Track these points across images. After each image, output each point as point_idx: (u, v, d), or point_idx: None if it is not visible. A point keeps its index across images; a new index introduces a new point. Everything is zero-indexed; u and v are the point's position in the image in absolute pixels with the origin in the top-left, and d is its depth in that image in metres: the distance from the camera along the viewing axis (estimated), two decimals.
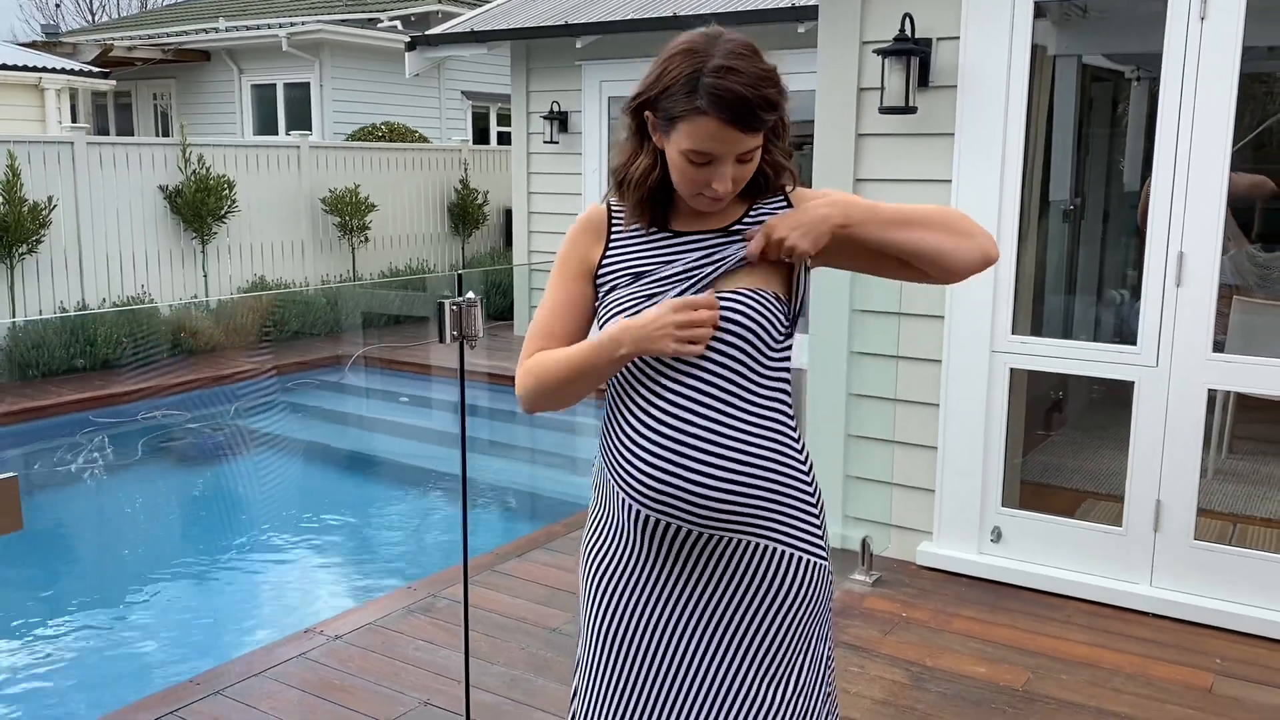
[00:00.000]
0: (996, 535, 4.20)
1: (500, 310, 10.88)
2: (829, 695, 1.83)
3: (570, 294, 1.77)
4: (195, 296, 9.43)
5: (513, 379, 1.80)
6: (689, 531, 1.66)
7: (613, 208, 1.78)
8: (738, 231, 1.72)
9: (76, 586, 5.02)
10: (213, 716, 3.15)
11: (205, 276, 9.80)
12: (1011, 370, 4.11)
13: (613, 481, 1.71)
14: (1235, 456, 5.46)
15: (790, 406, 1.75)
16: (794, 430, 1.73)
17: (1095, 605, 3.94)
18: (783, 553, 1.69)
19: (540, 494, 5.95)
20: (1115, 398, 4.39)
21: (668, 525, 1.66)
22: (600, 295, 1.75)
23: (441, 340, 2.23)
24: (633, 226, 1.75)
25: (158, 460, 6.62)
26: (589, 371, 1.67)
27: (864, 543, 4.25)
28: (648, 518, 1.67)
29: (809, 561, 1.72)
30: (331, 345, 9.64)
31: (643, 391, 1.68)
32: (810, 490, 1.74)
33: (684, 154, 1.61)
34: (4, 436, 6.87)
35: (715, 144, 1.59)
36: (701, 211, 1.72)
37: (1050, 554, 4.10)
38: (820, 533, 1.75)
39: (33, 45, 16.69)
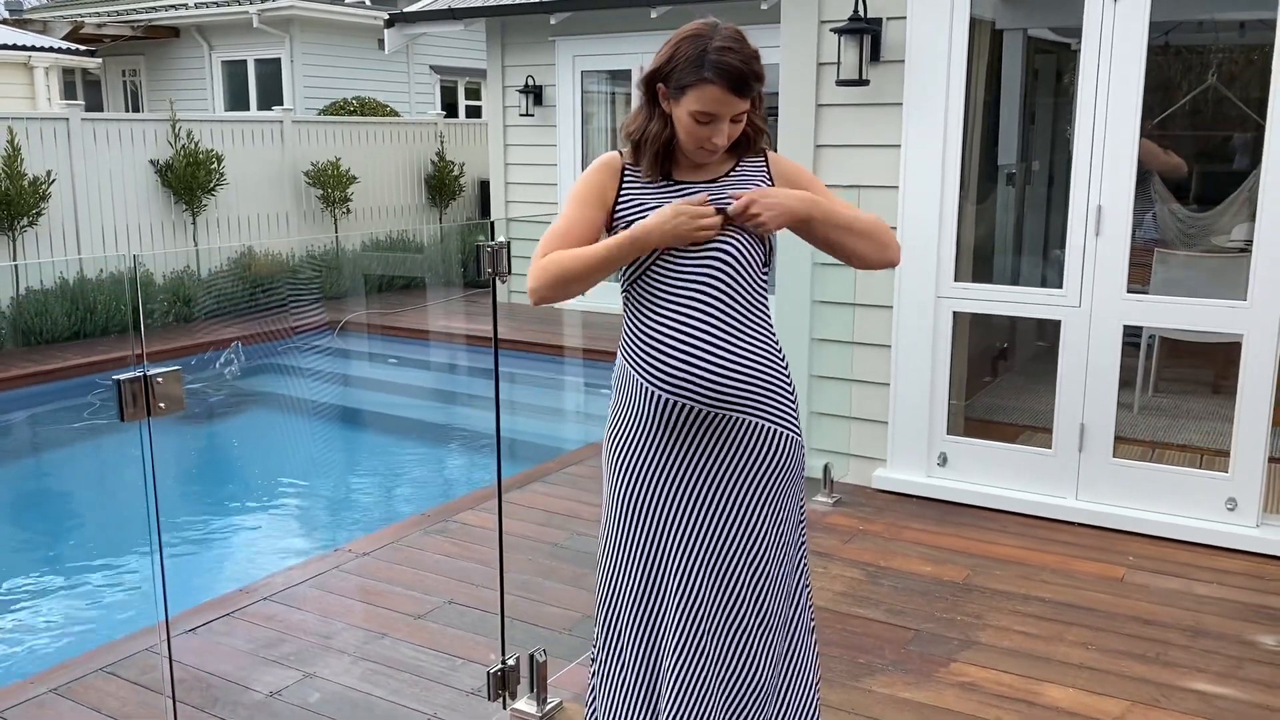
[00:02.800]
0: (943, 460, 4.74)
1: (476, 278, 11.32)
2: (802, 544, 2.35)
3: (586, 216, 2.20)
4: (187, 267, 9.78)
5: (501, 341, 2.32)
6: (699, 411, 2.15)
7: (625, 158, 2.27)
8: (735, 176, 2.24)
9: (140, 515, 5.59)
10: (266, 615, 3.64)
11: (196, 246, 10.17)
12: (955, 313, 4.65)
13: (638, 375, 2.18)
14: (1160, 395, 6.05)
15: (771, 320, 2.26)
16: (775, 336, 2.24)
17: (1028, 517, 4.51)
18: (770, 428, 2.20)
19: (533, 441, 6.45)
20: (1057, 348, 4.94)
21: (682, 407, 2.15)
22: (615, 230, 2.22)
23: (479, 277, 2.70)
24: (642, 177, 2.24)
25: (182, 416, 7.08)
26: (607, 265, 2.15)
27: (826, 469, 4.78)
28: (667, 401, 2.15)
29: (790, 436, 2.23)
30: (330, 311, 10.05)
31: (662, 301, 2.15)
32: (789, 382, 2.25)
33: (692, 115, 2.10)
34: (21, 398, 7.27)
35: (717, 106, 2.08)
36: (698, 165, 2.22)
37: (990, 475, 4.66)
38: (796, 415, 2.26)
39: (2, 23, 16.78)
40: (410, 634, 3.50)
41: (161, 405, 1.87)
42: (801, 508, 2.34)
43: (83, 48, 13.76)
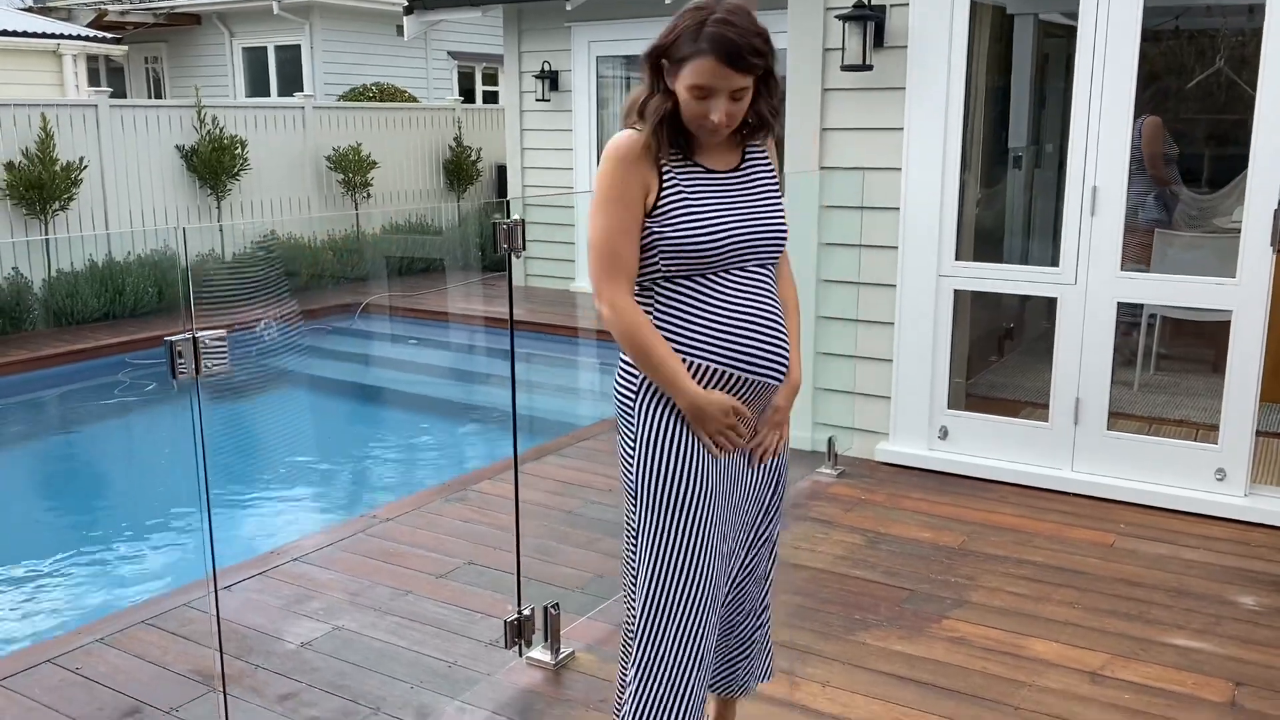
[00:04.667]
0: (943, 433, 4.91)
1: (496, 261, 11.53)
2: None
3: (635, 217, 2.12)
4: (212, 250, 10.01)
5: (516, 322, 2.46)
6: (753, 382, 2.21)
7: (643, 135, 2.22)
8: (748, 166, 2.27)
9: (177, 481, 5.92)
10: (295, 575, 3.86)
11: (220, 231, 10.40)
12: (955, 292, 4.81)
13: (703, 356, 2.15)
14: (1160, 373, 6.19)
15: None
16: None
17: (1024, 488, 4.67)
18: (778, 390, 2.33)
19: (548, 417, 6.65)
20: None
21: (743, 380, 2.19)
22: (663, 207, 2.13)
23: (496, 251, 2.88)
24: (671, 155, 2.16)
25: (212, 392, 7.36)
26: (661, 382, 2.16)
27: (830, 442, 4.96)
28: (733, 376, 2.17)
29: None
30: (349, 294, 10.28)
31: (718, 288, 2.17)
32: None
33: (689, 89, 2.06)
34: (55, 376, 7.55)
35: (712, 79, 2.03)
36: (712, 148, 2.19)
37: (988, 448, 4.82)
38: None
39: (29, 11, 17.05)
40: (432, 591, 3.71)
41: (209, 365, 2.06)
42: None
43: (109, 35, 14.02)
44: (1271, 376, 4.58)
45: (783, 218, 2.27)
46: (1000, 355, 6.71)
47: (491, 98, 17.74)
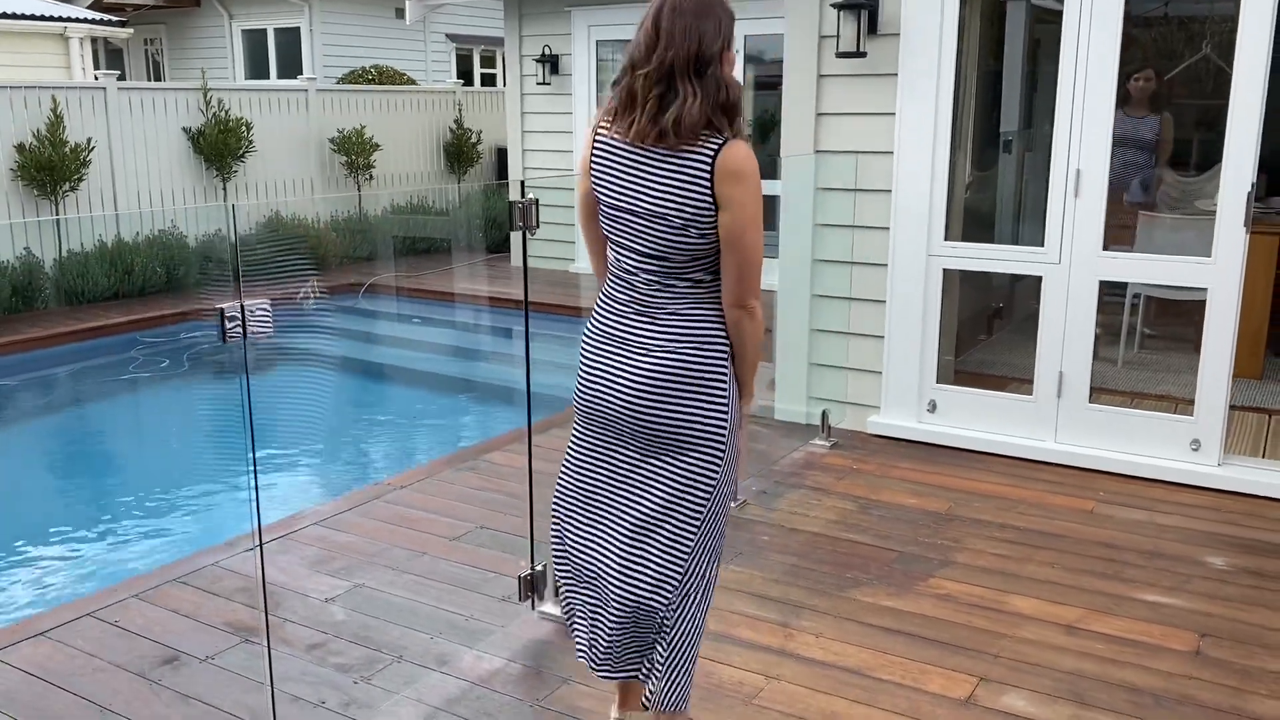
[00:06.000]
0: (932, 406, 5.12)
1: (497, 243, 11.72)
2: None
3: None
4: (219, 230, 10.19)
5: (517, 302, 2.66)
6: None
7: None
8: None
9: (197, 453, 6.15)
10: (316, 537, 4.06)
11: (233, 211, 10.57)
12: (944, 270, 5.01)
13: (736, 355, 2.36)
14: (1145, 351, 6.40)
15: None
16: None
17: (1010, 459, 4.89)
18: None
19: (552, 394, 6.86)
20: None
21: None
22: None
23: (512, 229, 3.08)
24: None
25: (221, 370, 7.56)
26: (752, 371, 2.40)
27: (824, 415, 5.17)
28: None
29: None
30: (354, 274, 10.46)
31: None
32: None
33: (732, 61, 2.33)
34: (67, 353, 7.74)
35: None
36: None
37: (975, 420, 5.03)
38: None
39: None
40: (447, 553, 3.92)
41: (254, 330, 2.26)
42: None
43: (114, 18, 14.14)
44: (1245, 352, 4.80)
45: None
46: (989, 333, 6.91)
47: (489, 80, 17.87)
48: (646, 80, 2.20)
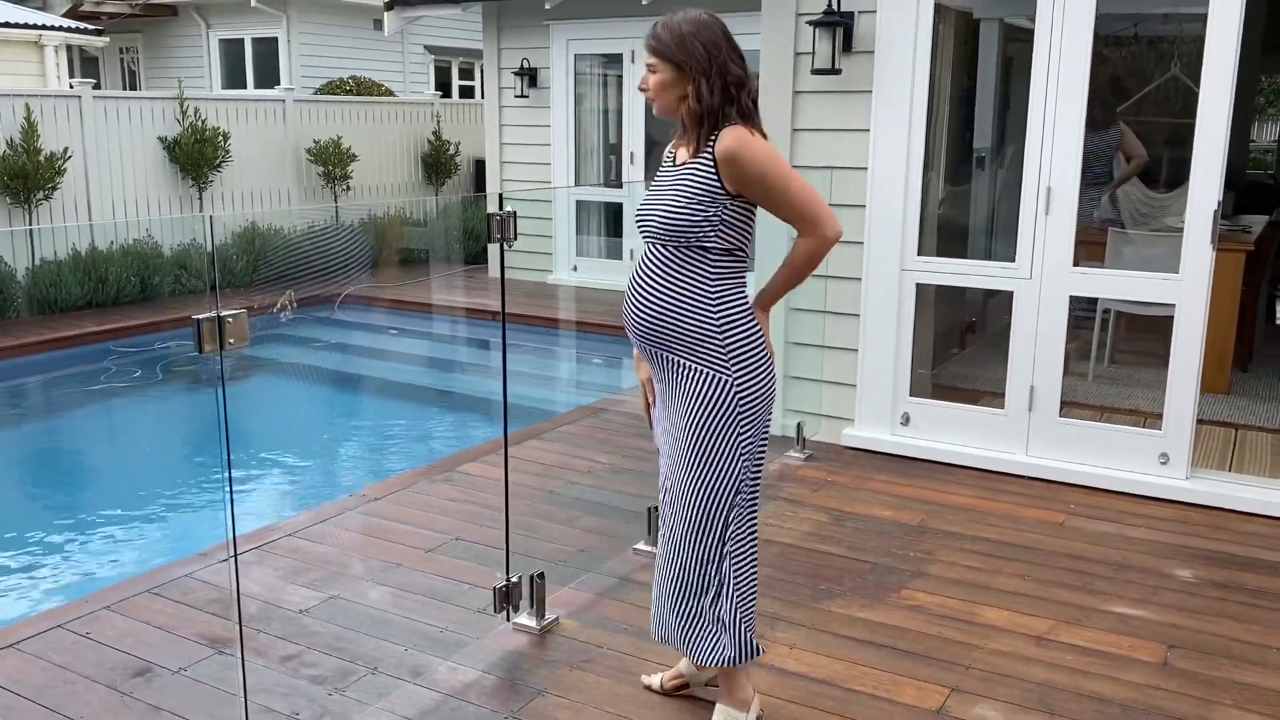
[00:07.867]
0: (905, 419, 5.17)
1: (474, 255, 11.71)
2: None
3: None
4: (193, 240, 10.13)
5: (494, 313, 2.80)
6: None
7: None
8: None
9: (171, 464, 6.16)
10: (291, 549, 4.05)
11: (209, 220, 10.52)
12: (917, 285, 5.06)
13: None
14: (1116, 366, 6.48)
15: None
16: None
17: (981, 471, 4.94)
18: None
19: (529, 405, 6.87)
20: None
21: None
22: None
23: (490, 241, 3.09)
24: None
25: (195, 381, 7.51)
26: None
27: (799, 427, 5.20)
28: None
29: None
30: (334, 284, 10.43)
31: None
32: None
33: None
34: (39, 364, 7.68)
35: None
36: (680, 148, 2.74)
37: (948, 433, 5.08)
38: None
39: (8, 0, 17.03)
40: (422, 564, 3.92)
41: (231, 341, 2.26)
42: None
43: (91, 26, 14.07)
44: (1213, 367, 4.87)
45: (663, 208, 2.62)
46: (963, 347, 6.98)
47: (468, 92, 17.88)
48: None
